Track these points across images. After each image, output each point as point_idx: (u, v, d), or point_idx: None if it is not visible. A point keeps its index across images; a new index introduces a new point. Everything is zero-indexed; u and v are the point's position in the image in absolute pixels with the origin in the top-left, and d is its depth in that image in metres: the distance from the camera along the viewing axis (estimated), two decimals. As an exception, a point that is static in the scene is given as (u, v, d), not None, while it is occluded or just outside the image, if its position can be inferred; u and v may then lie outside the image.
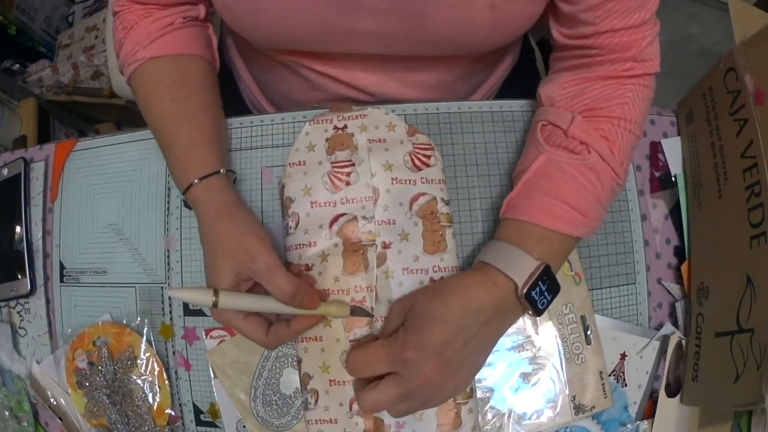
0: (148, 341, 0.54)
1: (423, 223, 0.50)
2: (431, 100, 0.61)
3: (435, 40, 0.50)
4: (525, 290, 0.43)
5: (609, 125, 0.47)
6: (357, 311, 0.48)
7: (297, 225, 0.51)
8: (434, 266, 0.49)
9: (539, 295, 0.44)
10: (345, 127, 0.54)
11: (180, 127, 0.50)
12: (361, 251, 0.49)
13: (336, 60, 0.56)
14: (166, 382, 0.54)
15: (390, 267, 0.49)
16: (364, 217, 0.50)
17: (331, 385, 0.48)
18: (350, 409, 0.48)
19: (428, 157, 0.52)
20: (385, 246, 0.50)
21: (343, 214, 0.50)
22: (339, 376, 0.48)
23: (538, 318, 0.51)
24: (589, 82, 0.49)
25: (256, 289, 0.46)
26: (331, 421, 0.48)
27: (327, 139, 0.53)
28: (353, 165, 0.52)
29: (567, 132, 0.48)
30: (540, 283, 0.43)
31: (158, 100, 0.51)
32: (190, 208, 0.52)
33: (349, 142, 0.53)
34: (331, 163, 0.52)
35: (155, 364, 0.54)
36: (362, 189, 0.51)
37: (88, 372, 0.55)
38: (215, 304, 0.43)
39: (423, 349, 0.41)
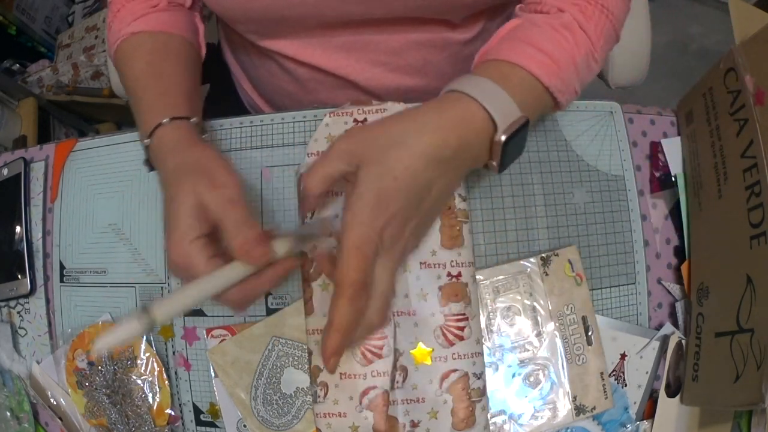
0: (148, 341, 0.54)
1: (440, 218, 0.50)
2: (422, 86, 0.61)
3: None
4: (505, 138, 0.38)
5: (584, 2, 0.45)
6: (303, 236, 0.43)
7: (312, 214, 0.51)
8: (452, 261, 0.49)
9: (513, 150, 0.40)
10: (365, 120, 0.54)
11: (155, 81, 0.48)
12: None
13: (314, 44, 0.56)
14: (166, 382, 0.54)
15: (407, 261, 0.49)
16: None
17: (341, 379, 0.48)
18: (360, 402, 0.48)
19: None
20: None
21: None
22: (350, 370, 0.48)
23: (539, 319, 0.51)
24: None
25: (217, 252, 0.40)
26: (340, 415, 0.48)
27: (347, 132, 0.53)
28: None
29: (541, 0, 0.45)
30: (517, 136, 0.39)
31: (135, 63, 0.51)
32: (151, 169, 0.46)
33: None
34: None
35: (155, 364, 0.54)
36: None
37: (88, 372, 0.55)
38: (150, 325, 0.35)
39: (379, 217, 0.37)
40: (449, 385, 0.48)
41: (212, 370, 0.53)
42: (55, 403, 0.56)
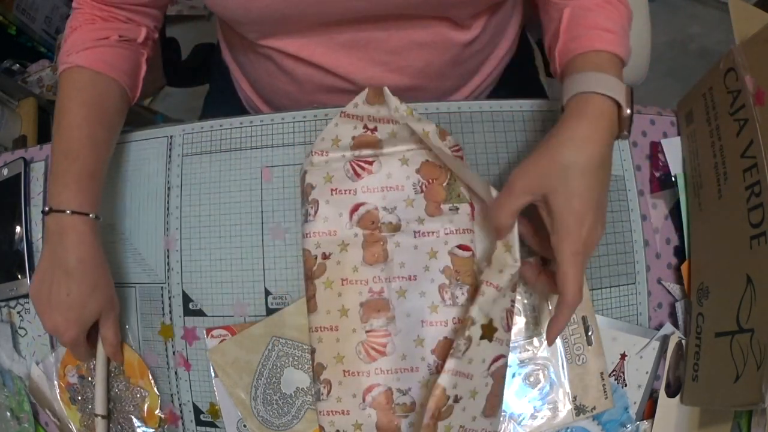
0: (128, 343, 0.55)
1: None
2: (420, 86, 0.61)
3: None
4: (629, 111, 0.44)
5: None
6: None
7: (316, 212, 0.51)
8: None
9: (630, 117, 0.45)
10: (375, 129, 0.53)
11: (89, 150, 0.51)
12: (381, 242, 0.50)
13: (315, 42, 0.56)
14: (152, 381, 0.54)
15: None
16: (384, 208, 0.50)
17: (345, 376, 0.48)
18: (363, 400, 0.48)
19: (460, 158, 0.52)
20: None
21: (363, 204, 0.51)
22: (353, 367, 0.48)
23: (539, 318, 0.51)
24: None
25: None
26: (343, 413, 0.48)
27: (354, 137, 0.53)
28: (376, 156, 0.52)
29: None
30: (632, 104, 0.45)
31: (75, 110, 0.52)
32: (45, 213, 0.50)
33: (376, 145, 0.53)
34: (355, 156, 0.53)
35: (141, 368, 0.54)
36: (383, 179, 0.51)
37: (79, 386, 0.55)
38: (102, 418, 0.53)
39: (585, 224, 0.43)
40: (496, 369, 0.46)
41: (212, 370, 0.53)
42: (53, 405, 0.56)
